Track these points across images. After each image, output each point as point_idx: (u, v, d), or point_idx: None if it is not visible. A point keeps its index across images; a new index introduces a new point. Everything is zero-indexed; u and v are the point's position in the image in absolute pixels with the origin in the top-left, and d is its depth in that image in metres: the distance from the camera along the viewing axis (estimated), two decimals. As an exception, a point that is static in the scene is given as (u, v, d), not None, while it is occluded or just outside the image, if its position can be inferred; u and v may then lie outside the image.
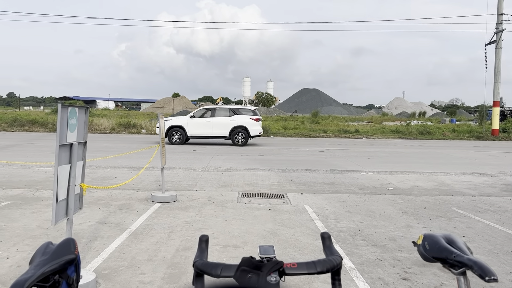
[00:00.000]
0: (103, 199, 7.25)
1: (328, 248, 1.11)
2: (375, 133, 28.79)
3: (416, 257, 4.66)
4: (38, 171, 10.01)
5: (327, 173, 10.81)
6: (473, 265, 0.98)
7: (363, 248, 4.98)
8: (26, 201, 6.96)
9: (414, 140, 25.57)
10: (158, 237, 5.19)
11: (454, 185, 9.53)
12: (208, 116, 18.38)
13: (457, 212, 6.95)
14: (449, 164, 13.32)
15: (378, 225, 6.00)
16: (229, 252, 4.72)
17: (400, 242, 5.25)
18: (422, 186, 9.30)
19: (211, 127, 18.18)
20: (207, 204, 7.02)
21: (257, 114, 18.88)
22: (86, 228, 5.55)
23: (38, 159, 12.18)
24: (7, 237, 5.06)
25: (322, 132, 28.33)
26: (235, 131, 18.21)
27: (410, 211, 6.94)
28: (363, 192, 8.46)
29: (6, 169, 10.24)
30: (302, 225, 5.89)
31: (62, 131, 3.62)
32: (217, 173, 10.36)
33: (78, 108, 3.94)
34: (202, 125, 18.18)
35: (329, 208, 7.01)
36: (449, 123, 44.60)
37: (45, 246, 1.06)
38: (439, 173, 11.22)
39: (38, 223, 5.69)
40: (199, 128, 18.16)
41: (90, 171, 9.86)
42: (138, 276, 3.99)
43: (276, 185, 9.02)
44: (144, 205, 6.85)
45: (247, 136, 18.25)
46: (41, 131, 25.27)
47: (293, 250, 4.86)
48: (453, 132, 28.90)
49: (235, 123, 18.17)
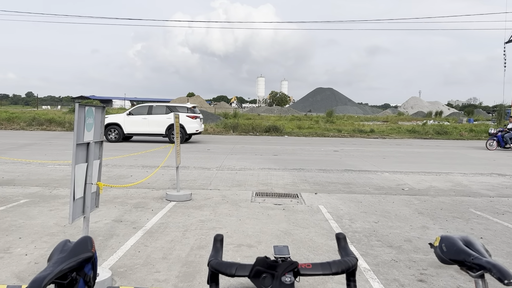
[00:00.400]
0: (119, 197, 7.34)
1: (343, 249, 1.10)
2: (390, 132, 28.50)
3: (432, 259, 4.60)
4: (55, 170, 10.18)
5: (341, 173, 10.74)
6: (492, 267, 0.96)
7: (378, 249, 4.94)
8: (44, 199, 7.08)
9: (431, 140, 25.23)
10: (173, 236, 5.23)
11: (471, 185, 9.38)
12: (145, 114, 18.44)
13: (474, 213, 6.84)
14: (466, 165, 13.11)
15: (393, 226, 5.94)
16: (243, 252, 4.72)
17: (416, 243, 5.19)
18: (438, 186, 9.17)
19: (147, 125, 18.24)
20: (221, 203, 7.05)
21: (195, 112, 18.82)
22: (102, 226, 5.62)
23: (56, 157, 12.38)
24: (25, 234, 5.16)
25: (337, 132, 28.16)
26: (172, 129, 18.06)
27: (426, 212, 6.85)
28: (378, 192, 8.39)
29: (25, 167, 10.44)
30: (316, 225, 5.87)
31: (79, 130, 3.67)
32: (231, 172, 10.39)
33: (95, 107, 3.99)
34: (138, 122, 18.29)
35: (344, 208, 6.97)
36: (467, 123, 43.83)
37: (63, 244, 1.08)
38: (456, 174, 11.05)
39: (56, 221, 5.79)
40: (136, 126, 18.30)
41: (106, 169, 9.99)
42: (153, 274, 4.03)
43: (290, 184, 9.00)
44: (159, 204, 6.91)
45: (184, 134, 18.14)
46: (59, 130, 25.69)
47: (307, 250, 4.85)
48: (470, 132, 28.44)
49: (171, 121, 17.84)
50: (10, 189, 7.81)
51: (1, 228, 5.36)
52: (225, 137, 23.57)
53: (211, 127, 27.21)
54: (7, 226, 5.48)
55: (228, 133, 26.20)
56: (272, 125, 28.05)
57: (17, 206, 6.57)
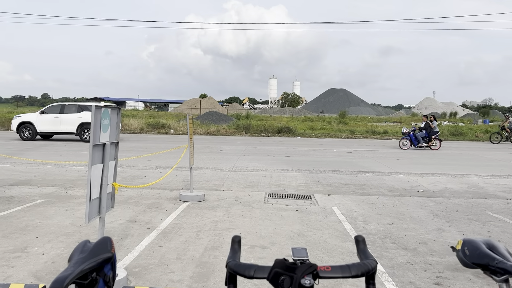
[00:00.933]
0: (133, 198, 7.40)
1: (362, 252, 1.09)
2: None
3: (448, 262, 4.54)
4: (70, 170, 10.31)
5: (355, 175, 10.67)
6: (517, 272, 0.94)
7: (393, 251, 4.89)
8: (59, 199, 7.17)
9: (445, 141, 24.89)
10: (186, 236, 5.25)
11: (487, 187, 9.23)
12: (57, 113, 18.67)
13: (491, 215, 6.73)
14: (482, 166, 12.91)
15: (408, 228, 5.88)
16: (257, 253, 4.72)
17: (431, 245, 5.13)
18: (453, 188, 9.05)
19: (59, 123, 18.51)
20: (234, 204, 7.05)
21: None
22: (117, 226, 5.67)
23: (71, 158, 12.54)
24: (42, 234, 5.23)
25: (350, 133, 27.98)
26: (83, 127, 18.50)
27: (441, 214, 6.76)
28: (392, 194, 8.31)
29: (41, 167, 10.59)
30: (330, 227, 5.84)
31: (95, 131, 3.70)
32: (243, 173, 10.40)
33: (110, 109, 4.03)
34: (51, 121, 18.54)
35: (358, 210, 6.91)
36: (482, 124, 43.16)
37: (83, 244, 1.09)
38: (472, 175, 10.89)
39: (71, 221, 5.86)
40: (48, 124, 18.57)
41: (121, 170, 10.08)
42: (167, 275, 4.05)
43: (303, 186, 8.97)
44: (173, 204, 6.95)
45: None
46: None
47: (321, 252, 4.82)
48: (486, 133, 27.97)
49: (82, 120, 18.37)
50: (27, 189, 7.94)
51: (18, 228, 5.45)
52: (237, 138, 23.60)
53: (223, 128, 27.28)
54: (24, 225, 5.56)
55: (240, 134, 26.24)
56: (284, 126, 28.00)
57: (34, 206, 6.67)
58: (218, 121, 31.08)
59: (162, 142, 19.06)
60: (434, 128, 18.59)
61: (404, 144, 18.73)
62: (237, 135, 26.11)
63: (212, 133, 26.28)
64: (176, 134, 25.83)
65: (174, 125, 27.89)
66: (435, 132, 18.54)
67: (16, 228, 5.43)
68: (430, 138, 18.41)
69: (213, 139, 22.01)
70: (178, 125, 27.66)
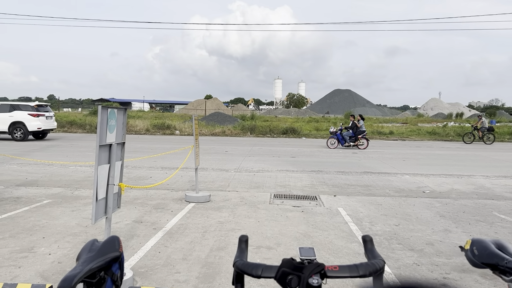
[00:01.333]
0: (139, 198, 7.42)
1: (370, 252, 1.09)
2: (410, 134, 28.10)
3: (455, 263, 4.52)
4: (77, 171, 10.36)
5: (360, 175, 10.63)
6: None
7: (400, 252, 4.87)
8: (66, 200, 7.21)
9: (451, 142, 24.78)
10: (192, 237, 5.26)
11: (494, 188, 9.17)
12: None
13: (498, 216, 6.68)
14: (489, 167, 12.82)
15: (414, 229, 5.85)
16: (262, 253, 4.72)
17: (438, 246, 5.10)
18: (460, 189, 8.99)
19: None
20: (239, 205, 7.06)
21: (40, 110, 19.18)
22: (123, 226, 5.69)
23: (77, 159, 12.61)
24: (48, 234, 5.26)
25: (355, 134, 27.88)
26: (14, 126, 18.63)
27: (448, 215, 6.72)
28: (398, 195, 8.27)
29: (47, 168, 10.66)
30: (336, 228, 5.82)
31: (102, 132, 3.72)
32: (249, 174, 10.40)
33: (117, 109, 4.05)
34: None
35: (364, 211, 6.89)
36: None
37: (91, 243, 1.09)
38: (478, 176, 10.82)
39: (78, 221, 5.89)
40: None
41: (126, 171, 10.11)
42: (173, 275, 4.06)
43: (308, 186, 8.96)
44: (179, 205, 6.96)
45: (26, 132, 18.70)
46: (79, 132, 26.16)
47: (327, 253, 4.81)
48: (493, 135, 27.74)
49: (13, 119, 18.60)
50: (33, 189, 7.98)
51: (25, 228, 5.48)
52: (242, 139, 23.61)
53: (228, 129, 27.30)
54: (31, 226, 5.60)
55: (245, 135, 26.25)
56: (289, 127, 27.98)
57: (40, 206, 6.71)
58: (223, 122, 31.11)
59: (168, 143, 19.11)
60: (361, 128, 18.75)
61: (332, 143, 18.93)
62: (242, 136, 26.12)
63: (217, 134, 26.31)
64: (181, 135, 25.89)
65: (180, 126, 27.95)
66: (361, 131, 18.70)
67: (23, 229, 5.46)
68: (356, 137, 18.57)
69: (218, 140, 22.04)
70: (183, 126, 27.71)
